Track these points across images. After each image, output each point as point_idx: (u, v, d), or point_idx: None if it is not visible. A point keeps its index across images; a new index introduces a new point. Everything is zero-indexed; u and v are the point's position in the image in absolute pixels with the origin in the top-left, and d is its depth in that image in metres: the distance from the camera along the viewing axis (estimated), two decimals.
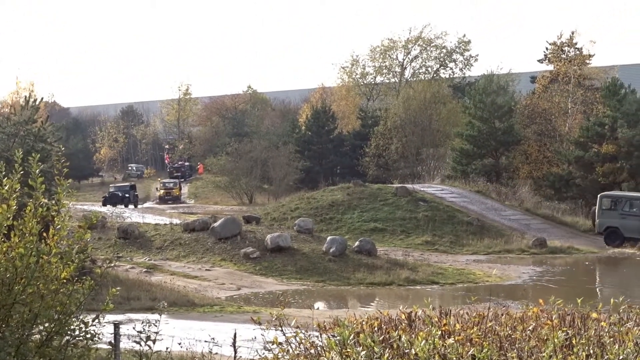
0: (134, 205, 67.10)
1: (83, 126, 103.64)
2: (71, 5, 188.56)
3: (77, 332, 7.15)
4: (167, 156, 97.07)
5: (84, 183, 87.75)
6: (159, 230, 35.83)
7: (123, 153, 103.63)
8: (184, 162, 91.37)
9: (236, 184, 69.55)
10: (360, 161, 70.59)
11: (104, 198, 67.62)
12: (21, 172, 7.38)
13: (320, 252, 31.55)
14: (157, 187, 76.09)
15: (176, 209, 62.90)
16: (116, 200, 65.97)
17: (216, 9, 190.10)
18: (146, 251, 33.14)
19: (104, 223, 36.35)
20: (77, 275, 7.25)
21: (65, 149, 13.68)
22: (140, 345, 7.73)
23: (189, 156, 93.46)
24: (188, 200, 75.29)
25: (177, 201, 72.01)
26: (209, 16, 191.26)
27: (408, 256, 34.88)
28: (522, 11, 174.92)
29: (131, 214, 50.40)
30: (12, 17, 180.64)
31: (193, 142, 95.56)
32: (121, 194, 67.52)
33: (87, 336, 7.18)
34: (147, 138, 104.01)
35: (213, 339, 10.80)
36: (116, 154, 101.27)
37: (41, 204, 7.24)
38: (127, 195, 67.94)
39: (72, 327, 7.12)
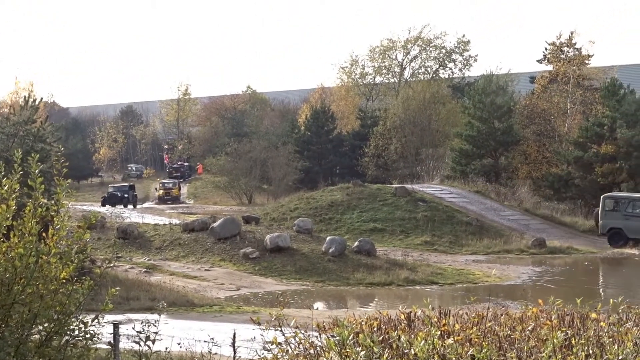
0: (133, 205, 67.08)
1: (82, 126, 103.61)
2: (71, 5, 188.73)
3: (77, 332, 7.15)
4: (167, 156, 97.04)
5: (83, 183, 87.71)
6: (159, 230, 35.82)
7: (122, 153, 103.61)
8: (184, 163, 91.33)
9: (235, 184, 69.52)
10: (359, 161, 70.56)
11: (103, 198, 67.66)
12: (20, 172, 7.38)
13: (319, 252, 31.54)
14: (156, 188, 76.07)
15: (175, 209, 62.86)
16: (115, 200, 65.98)
17: (216, 9, 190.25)
18: (145, 251, 33.12)
19: (104, 223, 36.35)
20: (77, 275, 7.25)
21: (64, 149, 13.69)
22: (139, 345, 7.73)
23: (189, 156, 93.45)
24: (187, 200, 75.20)
25: (177, 201, 71.96)
26: (209, 16, 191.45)
27: (407, 256, 34.88)
28: (522, 11, 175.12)
29: (130, 214, 50.39)
30: (12, 17, 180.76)
31: (192, 142, 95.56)
32: (120, 194, 67.52)
33: (87, 336, 7.19)
34: (147, 138, 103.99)
35: (212, 339, 10.80)
36: (115, 154, 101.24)
37: (40, 204, 7.24)
38: (126, 195, 67.94)
39: (72, 327, 7.12)
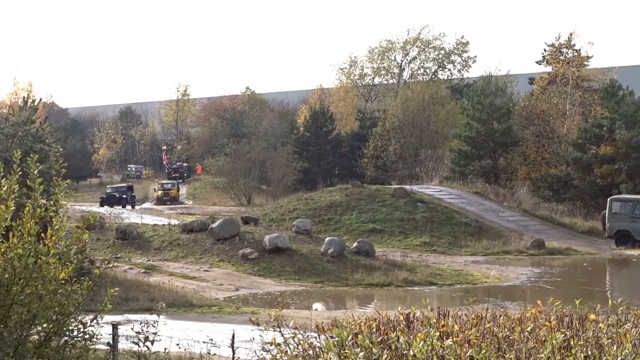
0: (132, 206, 67.11)
1: (81, 127, 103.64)
2: (70, 5, 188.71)
3: (76, 333, 7.15)
4: (166, 157, 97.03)
5: (82, 184, 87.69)
6: (158, 231, 35.81)
7: (121, 154, 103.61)
8: (182, 163, 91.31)
9: (234, 185, 69.50)
10: (358, 162, 70.58)
11: (101, 199, 67.71)
12: (19, 173, 7.38)
13: (318, 253, 31.53)
14: (155, 189, 76.07)
15: (174, 210, 62.87)
16: (113, 201, 66.03)
17: (215, 10, 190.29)
18: (144, 252, 33.11)
19: (103, 224, 36.34)
20: (76, 275, 7.25)
21: (63, 150, 13.73)
22: (138, 346, 7.73)
23: (188, 157, 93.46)
24: (186, 201, 75.18)
25: (175, 202, 71.97)
26: (208, 17, 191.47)
27: (406, 257, 34.89)
28: (521, 12, 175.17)
29: (129, 215, 50.42)
30: (11, 17, 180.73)
31: (191, 143, 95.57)
32: (118, 195, 67.56)
33: (86, 337, 7.19)
34: (146, 139, 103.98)
35: (211, 340, 10.80)
36: (114, 155, 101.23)
37: (39, 205, 7.23)
38: (125, 196, 67.98)
39: (71, 328, 7.12)
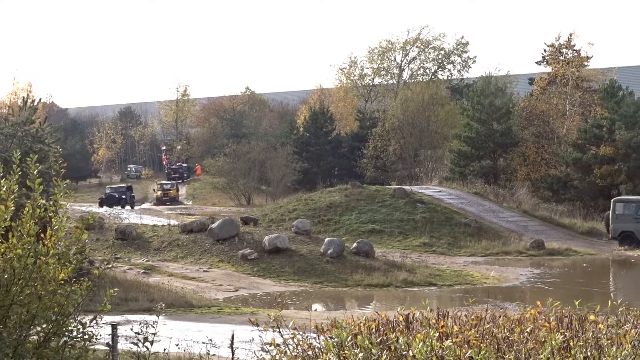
0: (131, 206, 67.09)
1: (81, 127, 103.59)
2: (69, 5, 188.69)
3: (75, 333, 7.14)
4: (165, 157, 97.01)
5: (82, 184, 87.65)
6: (157, 231, 35.81)
7: (121, 154, 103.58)
8: (182, 164, 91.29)
9: (234, 185, 69.47)
10: (358, 163, 70.56)
11: (101, 199, 67.69)
12: (19, 173, 7.38)
13: (318, 254, 31.53)
14: (154, 189, 76.06)
15: (174, 210, 62.86)
16: (113, 201, 66.04)
17: (214, 10, 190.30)
18: (144, 252, 33.11)
19: (102, 224, 36.35)
20: (75, 276, 7.24)
21: (63, 150, 13.72)
22: (137, 346, 7.72)
23: (187, 157, 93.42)
24: (186, 201, 75.16)
25: (175, 202, 71.96)
26: (207, 17, 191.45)
27: (406, 258, 34.89)
28: (520, 13, 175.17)
29: (129, 215, 50.40)
30: (11, 17, 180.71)
31: (191, 143, 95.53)
32: (118, 195, 67.56)
33: (85, 337, 7.18)
34: (145, 139, 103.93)
35: (210, 341, 10.78)
36: (114, 155, 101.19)
37: (39, 205, 7.23)
38: (124, 196, 67.96)
39: (70, 328, 7.11)
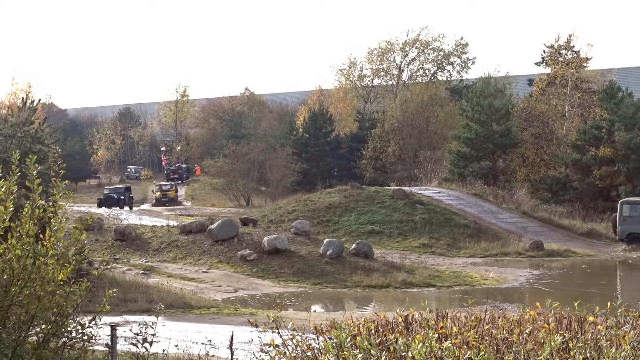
0: (129, 207, 67.10)
1: (80, 128, 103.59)
2: (69, 6, 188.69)
3: (74, 334, 7.14)
4: (164, 158, 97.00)
5: (81, 185, 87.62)
6: (156, 232, 35.81)
7: (120, 155, 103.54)
8: (181, 164, 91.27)
9: (233, 186, 69.44)
10: (357, 163, 70.57)
11: (99, 200, 67.68)
12: (18, 174, 7.37)
13: (317, 255, 31.53)
14: (153, 190, 76.05)
15: (173, 211, 62.87)
16: (111, 202, 66.05)
17: (214, 11, 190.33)
18: (143, 253, 33.11)
19: (101, 225, 36.34)
20: (74, 276, 7.23)
21: (62, 151, 13.72)
22: (136, 347, 7.72)
23: (186, 158, 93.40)
24: (185, 202, 75.16)
25: (174, 203, 71.96)
26: (207, 18, 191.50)
27: (405, 259, 34.90)
28: (520, 14, 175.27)
29: (128, 216, 50.43)
30: (10, 18, 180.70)
31: (190, 144, 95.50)
32: (116, 196, 67.57)
33: (84, 338, 7.17)
34: (145, 140, 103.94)
35: (210, 341, 10.77)
36: (113, 156, 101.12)
37: (38, 206, 7.23)
38: (122, 197, 67.98)
39: (69, 329, 7.10)
